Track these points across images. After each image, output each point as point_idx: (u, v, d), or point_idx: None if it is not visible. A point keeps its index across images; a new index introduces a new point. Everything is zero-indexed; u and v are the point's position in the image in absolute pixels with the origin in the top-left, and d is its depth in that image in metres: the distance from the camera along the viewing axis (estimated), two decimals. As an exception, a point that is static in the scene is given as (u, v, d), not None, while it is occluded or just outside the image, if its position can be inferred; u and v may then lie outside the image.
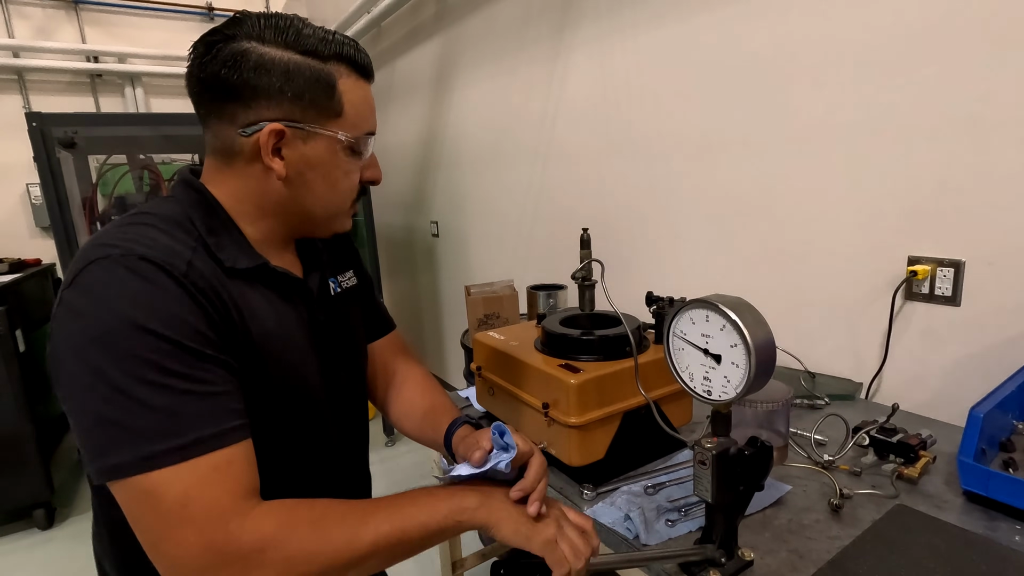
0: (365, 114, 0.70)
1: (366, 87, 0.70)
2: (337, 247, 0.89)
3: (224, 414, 0.57)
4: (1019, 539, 0.78)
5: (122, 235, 0.60)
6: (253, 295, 0.67)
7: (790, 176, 1.39)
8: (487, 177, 2.62)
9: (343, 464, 0.83)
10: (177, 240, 0.62)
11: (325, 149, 0.67)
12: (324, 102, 0.65)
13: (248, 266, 0.67)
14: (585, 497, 0.94)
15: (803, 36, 1.31)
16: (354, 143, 0.68)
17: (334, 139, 0.67)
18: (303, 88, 0.64)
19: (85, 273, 0.56)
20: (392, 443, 3.09)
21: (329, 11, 3.80)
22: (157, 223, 0.63)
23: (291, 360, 0.70)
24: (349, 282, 0.86)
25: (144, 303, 0.55)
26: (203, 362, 0.57)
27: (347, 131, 0.67)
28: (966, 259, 1.12)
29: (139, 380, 0.53)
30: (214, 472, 0.55)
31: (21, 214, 3.47)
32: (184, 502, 0.53)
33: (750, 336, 0.62)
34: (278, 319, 0.69)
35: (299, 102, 0.64)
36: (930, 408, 1.20)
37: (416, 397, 0.92)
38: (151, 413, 0.53)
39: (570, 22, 1.96)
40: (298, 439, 0.73)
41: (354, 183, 0.72)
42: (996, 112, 1.05)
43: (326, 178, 0.69)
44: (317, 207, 0.70)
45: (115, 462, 0.52)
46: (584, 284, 1.04)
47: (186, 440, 0.54)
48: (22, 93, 3.41)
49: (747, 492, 0.72)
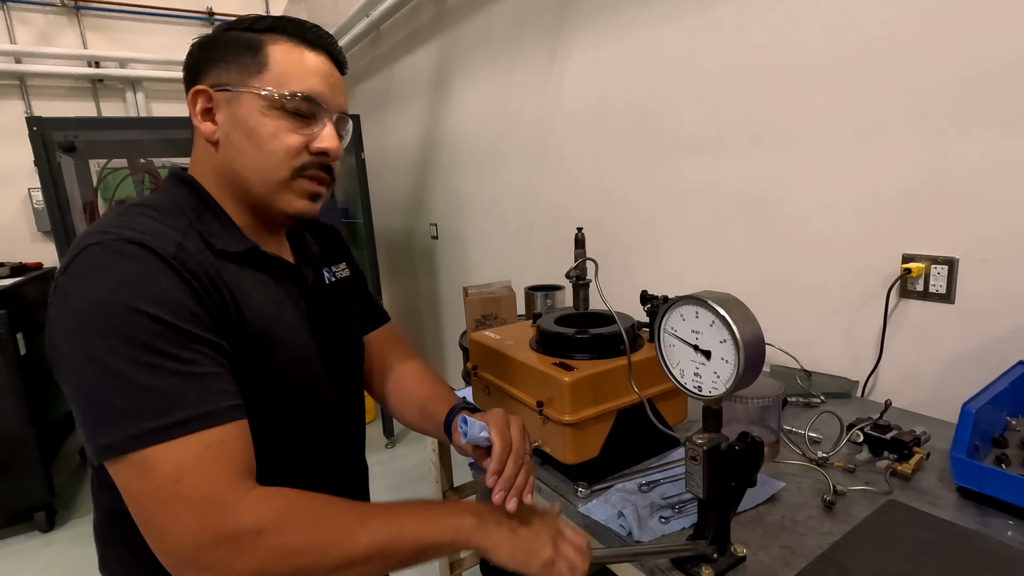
0: (297, 73, 0.68)
1: (307, 54, 0.70)
2: (329, 243, 0.91)
3: (215, 394, 0.58)
4: (1011, 534, 0.78)
5: (114, 223, 0.62)
6: (246, 278, 0.69)
7: (785, 175, 1.40)
8: (486, 179, 2.63)
9: (341, 452, 0.84)
10: (168, 226, 0.64)
11: (247, 107, 0.67)
12: (246, 61, 0.68)
13: (239, 250, 0.69)
14: (579, 495, 0.95)
15: (800, 38, 1.32)
16: (276, 99, 0.67)
17: (256, 95, 0.67)
18: (231, 53, 0.68)
19: (78, 260, 0.58)
20: (392, 444, 3.10)
21: (328, 15, 3.82)
22: (148, 212, 0.65)
23: (289, 342, 0.71)
24: (343, 273, 0.88)
25: (134, 285, 0.56)
26: (193, 343, 0.58)
27: (270, 86, 0.67)
28: (960, 256, 1.13)
29: (129, 361, 0.54)
30: (207, 450, 0.55)
31: (23, 218, 3.48)
32: (177, 477, 0.53)
33: (739, 332, 0.62)
34: (273, 302, 0.71)
35: (225, 66, 0.68)
36: (925, 405, 1.20)
37: (414, 387, 0.93)
38: (141, 393, 0.54)
39: (567, 23, 1.98)
40: (298, 422, 0.74)
41: (288, 145, 0.69)
42: (990, 109, 1.05)
43: (250, 137, 0.68)
44: (249, 171, 0.69)
45: (106, 442, 0.54)
46: (578, 283, 1.05)
47: (176, 418, 0.54)
48: (24, 98, 3.43)
49: (739, 488, 0.72)
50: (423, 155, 3.16)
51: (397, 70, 3.27)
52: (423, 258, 3.43)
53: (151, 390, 0.54)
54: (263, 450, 0.63)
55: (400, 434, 3.20)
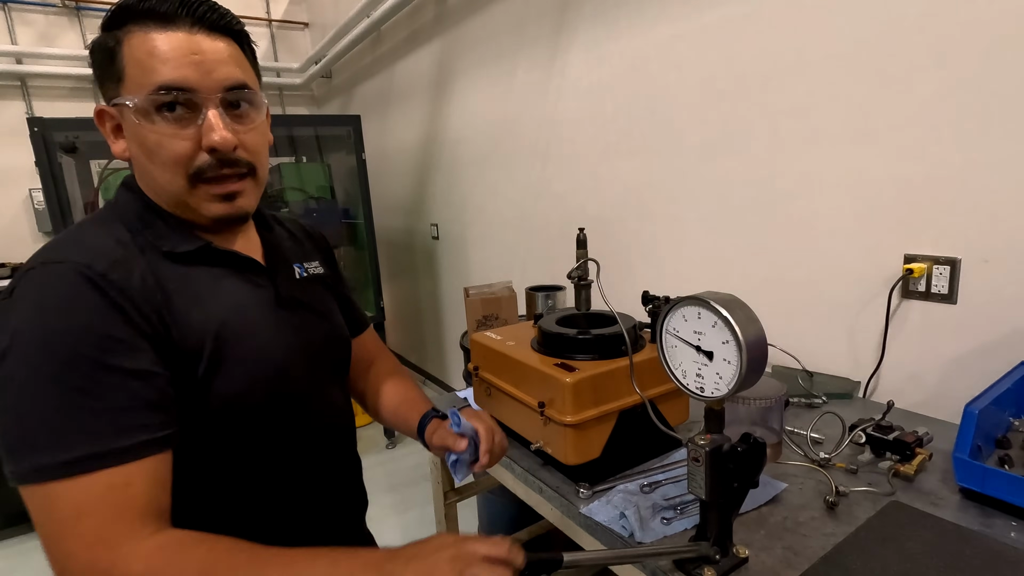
0: (152, 66, 0.60)
1: (158, 37, 0.60)
2: (308, 241, 0.90)
3: (124, 431, 0.56)
4: (1014, 535, 0.78)
5: (53, 244, 0.61)
6: (198, 278, 0.66)
7: (787, 176, 1.39)
8: (486, 179, 2.63)
9: (328, 446, 0.81)
10: (111, 236, 0.63)
11: (129, 121, 0.62)
12: (110, 71, 0.62)
13: (189, 249, 0.66)
14: (581, 496, 0.94)
15: (799, 39, 1.32)
16: (141, 107, 0.60)
17: (128, 108, 0.61)
18: (98, 66, 0.63)
19: (18, 286, 0.58)
20: (393, 445, 3.10)
21: (329, 15, 3.82)
22: (95, 225, 0.65)
23: (251, 338, 0.68)
24: (315, 270, 0.85)
25: (51, 316, 0.55)
26: (108, 374, 0.56)
27: (132, 93, 0.61)
28: (962, 257, 1.13)
29: (39, 394, 0.53)
30: (109, 491, 0.54)
31: (24, 219, 3.48)
32: (77, 515, 0.53)
33: (741, 332, 0.62)
34: (233, 301, 0.68)
35: (102, 79, 0.64)
36: (928, 406, 1.20)
37: (390, 390, 0.94)
38: (48, 427, 0.53)
39: (568, 24, 1.97)
40: (272, 415, 0.71)
41: (175, 153, 0.62)
42: (992, 109, 1.05)
43: (142, 148, 0.63)
44: (155, 186, 0.66)
45: (13, 469, 0.54)
46: (580, 284, 1.05)
47: (79, 454, 0.53)
48: (25, 99, 3.43)
49: (741, 489, 0.72)
50: (424, 156, 3.16)
51: (398, 71, 3.27)
52: (424, 259, 3.43)
53: (57, 425, 0.53)
54: (237, 451, 0.62)
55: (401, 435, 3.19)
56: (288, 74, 4.20)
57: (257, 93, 0.68)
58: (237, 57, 0.65)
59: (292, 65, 4.11)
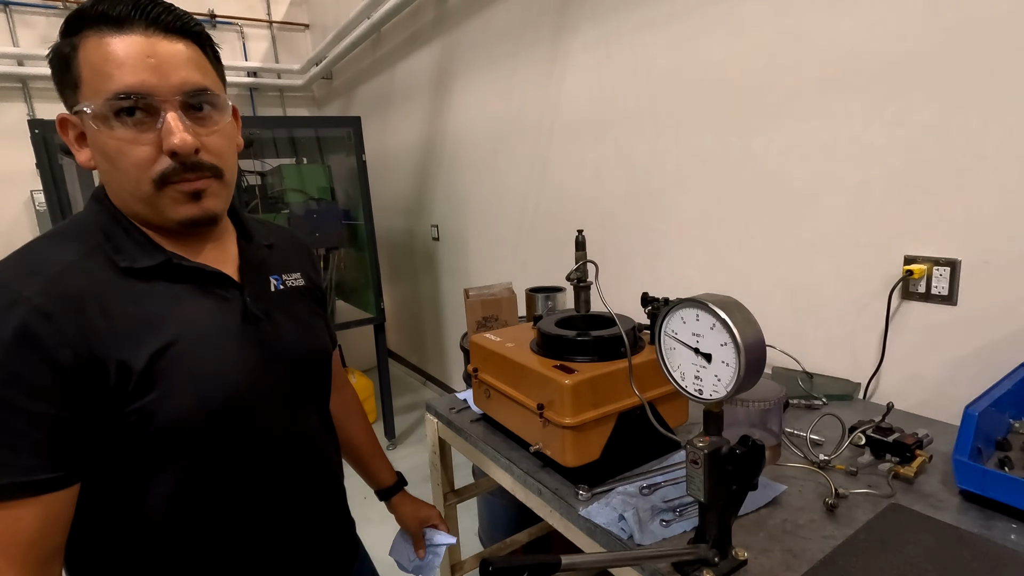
0: (107, 72, 0.59)
1: (113, 41, 0.59)
2: (290, 252, 0.85)
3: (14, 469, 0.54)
4: (1015, 538, 0.78)
5: (3, 262, 0.60)
6: (156, 297, 0.64)
7: (787, 179, 1.39)
8: (487, 180, 2.63)
9: (298, 481, 0.76)
10: (62, 256, 0.61)
11: (89, 128, 0.61)
12: (66, 78, 0.61)
13: (148, 264, 0.64)
14: (580, 498, 0.94)
15: (802, 43, 1.32)
16: (99, 113, 0.59)
17: (88, 115, 0.60)
18: (57, 73, 0.62)
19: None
20: (393, 446, 3.09)
21: (330, 16, 3.83)
22: (51, 239, 0.64)
23: (200, 363, 0.65)
24: (295, 282, 0.82)
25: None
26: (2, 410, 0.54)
27: (90, 100, 0.59)
28: (962, 258, 1.12)
29: None
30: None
31: (25, 221, 3.49)
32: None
33: (739, 335, 0.62)
34: (186, 319, 0.65)
35: (61, 87, 0.63)
36: (928, 407, 1.20)
37: (349, 424, 1.01)
38: None
39: (568, 25, 1.98)
40: (222, 448, 0.67)
41: (136, 159, 0.61)
42: (993, 110, 1.05)
43: (104, 155, 0.62)
44: (121, 192, 0.65)
45: None
46: (579, 285, 1.05)
47: None
48: (26, 101, 3.44)
49: (740, 491, 0.72)
50: (424, 157, 3.16)
51: (398, 72, 3.28)
52: (424, 260, 3.43)
53: None
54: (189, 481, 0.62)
55: (401, 435, 3.20)
56: (289, 75, 4.21)
57: (219, 95, 0.66)
58: (196, 59, 0.64)
59: (293, 66, 4.12)
